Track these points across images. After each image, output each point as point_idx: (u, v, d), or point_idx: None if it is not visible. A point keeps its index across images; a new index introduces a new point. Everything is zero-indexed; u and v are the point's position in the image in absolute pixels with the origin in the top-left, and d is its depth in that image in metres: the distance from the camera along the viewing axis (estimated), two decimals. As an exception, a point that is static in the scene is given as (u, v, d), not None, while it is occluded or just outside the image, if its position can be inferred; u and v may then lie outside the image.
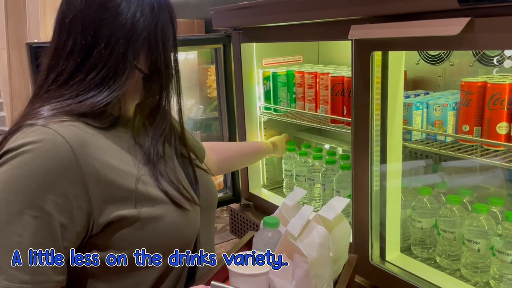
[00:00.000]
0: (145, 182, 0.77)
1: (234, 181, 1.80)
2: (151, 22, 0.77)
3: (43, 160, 0.67)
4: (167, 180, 0.80)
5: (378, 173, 1.17)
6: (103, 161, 0.72)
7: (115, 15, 0.75)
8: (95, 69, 0.75)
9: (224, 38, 1.67)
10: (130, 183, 0.74)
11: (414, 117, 1.20)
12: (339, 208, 0.98)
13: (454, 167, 1.32)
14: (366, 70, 1.10)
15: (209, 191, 0.95)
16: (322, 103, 1.52)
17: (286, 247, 0.81)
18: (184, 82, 2.49)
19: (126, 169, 0.75)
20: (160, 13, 0.79)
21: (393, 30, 0.97)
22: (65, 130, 0.70)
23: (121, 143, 0.78)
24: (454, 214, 1.17)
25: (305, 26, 1.33)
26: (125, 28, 0.75)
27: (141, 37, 0.76)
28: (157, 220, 0.76)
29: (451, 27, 0.86)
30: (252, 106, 1.73)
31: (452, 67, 1.38)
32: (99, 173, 0.71)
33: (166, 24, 0.80)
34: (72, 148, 0.69)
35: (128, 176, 0.75)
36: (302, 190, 1.08)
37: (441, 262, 1.21)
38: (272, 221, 0.93)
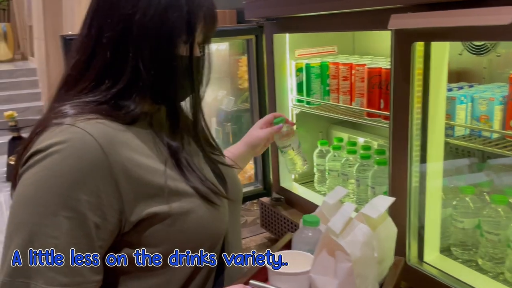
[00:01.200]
0: (173, 178, 0.75)
1: (265, 175, 1.78)
2: (161, 24, 0.73)
3: (73, 160, 0.66)
4: (194, 175, 0.78)
5: (417, 170, 1.11)
6: (131, 158, 0.71)
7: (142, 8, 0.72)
8: (126, 73, 0.73)
9: (257, 29, 1.63)
10: (159, 180, 0.73)
11: (457, 111, 1.13)
12: (383, 207, 0.93)
13: (499, 164, 1.24)
14: (407, 61, 1.05)
15: (235, 185, 0.94)
16: (358, 95, 1.47)
17: (328, 244, 0.78)
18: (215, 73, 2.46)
19: (153, 166, 0.74)
20: (173, 11, 0.74)
21: (437, 19, 0.90)
22: (92, 128, 0.69)
23: (144, 138, 0.76)
24: (499, 214, 1.10)
25: (341, 16, 1.27)
26: (136, 35, 0.72)
27: (146, 42, 0.73)
28: (187, 215, 0.74)
29: (502, 16, 0.79)
30: (284, 99, 1.69)
31: (498, 58, 1.29)
32: (129, 170, 0.70)
33: (178, 25, 0.74)
34: (101, 146, 0.68)
35: (157, 172, 0.73)
36: (343, 189, 1.04)
37: (484, 264, 1.14)
38: (312, 219, 0.90)
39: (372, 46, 1.73)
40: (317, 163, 1.72)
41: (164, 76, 0.75)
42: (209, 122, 2.52)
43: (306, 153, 1.87)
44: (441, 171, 1.16)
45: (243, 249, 0.98)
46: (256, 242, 1.81)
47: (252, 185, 1.80)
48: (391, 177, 1.16)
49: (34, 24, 6.14)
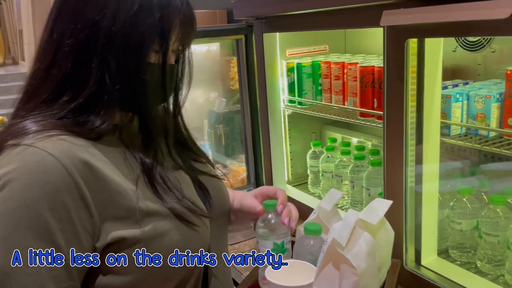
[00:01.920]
0: (146, 198, 0.68)
1: (258, 177, 1.74)
2: (131, 30, 0.67)
3: (36, 186, 0.60)
4: (170, 194, 0.72)
5: (413, 171, 1.08)
6: (99, 176, 0.65)
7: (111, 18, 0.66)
8: (90, 82, 0.67)
9: (246, 28, 1.60)
10: (129, 200, 0.66)
11: (453, 109, 1.10)
12: (382, 211, 0.90)
13: (497, 163, 1.21)
14: (400, 59, 1.01)
15: (221, 198, 0.87)
16: (350, 95, 1.43)
17: (333, 256, 0.74)
18: (206, 74, 2.44)
19: (123, 184, 0.67)
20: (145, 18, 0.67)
21: (430, 14, 0.87)
22: (53, 147, 0.62)
23: (114, 154, 0.69)
24: (498, 215, 1.06)
25: (332, 13, 1.23)
26: (100, 42, 0.66)
27: (111, 51, 0.67)
28: (161, 239, 0.68)
29: (500, 10, 0.75)
30: (275, 99, 1.65)
31: (494, 54, 1.26)
32: (96, 189, 0.64)
33: (149, 32, 0.68)
34: (64, 166, 0.61)
35: (127, 191, 0.67)
36: (337, 191, 1.01)
37: (483, 267, 1.11)
38: (314, 228, 0.86)
39: (364, 44, 1.70)
40: (310, 165, 1.68)
41: (134, 88, 0.69)
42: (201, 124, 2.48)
43: (299, 155, 1.85)
44: (437, 172, 1.13)
45: (229, 268, 0.92)
46: (250, 246, 1.77)
47: (245, 188, 1.76)
48: (386, 179, 1.12)
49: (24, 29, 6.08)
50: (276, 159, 1.69)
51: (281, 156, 1.71)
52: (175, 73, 0.76)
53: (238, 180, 1.89)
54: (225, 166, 2.12)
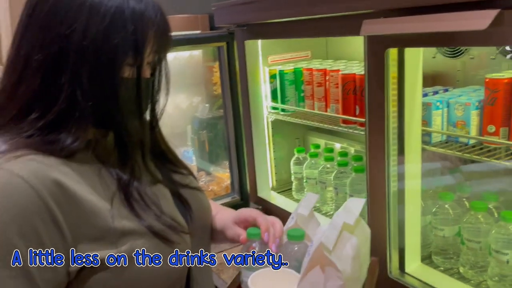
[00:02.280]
0: (122, 216, 0.66)
1: (242, 184, 1.73)
2: (101, 45, 0.65)
3: (4, 209, 0.57)
4: (148, 211, 0.69)
5: (395, 178, 1.08)
6: (71, 197, 0.62)
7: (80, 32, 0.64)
8: (59, 100, 0.64)
9: (228, 36, 1.59)
10: (104, 220, 0.64)
11: (433, 117, 1.10)
12: (357, 210, 0.90)
13: (476, 169, 1.22)
14: (381, 67, 1.01)
15: (202, 211, 0.85)
16: (333, 101, 1.43)
17: (319, 259, 0.74)
18: (189, 80, 2.42)
19: (97, 203, 0.64)
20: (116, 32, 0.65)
21: (410, 25, 0.87)
22: (21, 168, 0.59)
23: (87, 171, 0.67)
24: (479, 221, 1.07)
25: (313, 21, 1.23)
26: (70, 57, 0.64)
27: (87, 65, 0.64)
28: (138, 259, 0.66)
29: (477, 21, 0.76)
30: (258, 106, 1.65)
31: (472, 60, 1.28)
32: (69, 211, 0.61)
33: (121, 47, 0.65)
34: (32, 187, 0.59)
35: (102, 211, 0.64)
36: (314, 195, 1.01)
37: (465, 273, 1.12)
38: (297, 233, 0.86)
39: (346, 50, 1.70)
40: (294, 171, 1.68)
41: (107, 104, 0.67)
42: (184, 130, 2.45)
43: (283, 161, 1.84)
44: (419, 178, 1.13)
45: (213, 283, 0.91)
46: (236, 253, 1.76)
47: (229, 196, 1.74)
48: (369, 186, 1.12)
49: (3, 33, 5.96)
50: (260, 165, 1.68)
51: (265, 162, 1.70)
52: (151, 87, 0.74)
53: (222, 187, 1.88)
54: (209, 173, 2.10)
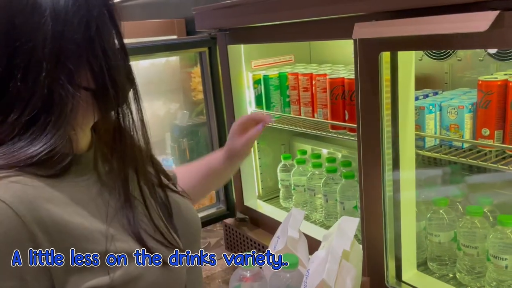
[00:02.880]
0: (117, 239, 0.61)
1: (228, 194, 1.67)
2: (79, 28, 0.59)
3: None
4: (145, 229, 0.65)
5: (391, 185, 1.05)
6: (60, 221, 0.56)
7: (27, 33, 0.57)
8: (16, 108, 0.58)
9: (209, 41, 1.54)
10: (97, 245, 0.59)
11: (427, 121, 1.08)
12: (352, 231, 0.88)
13: (469, 173, 1.21)
14: (374, 71, 0.98)
15: (192, 222, 0.79)
16: (320, 107, 1.40)
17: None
18: (166, 86, 2.36)
19: (91, 226, 0.59)
20: (91, 9, 0.60)
21: (407, 27, 0.84)
22: (3, 191, 0.54)
23: (80, 190, 0.62)
24: (476, 226, 1.06)
25: (300, 25, 1.19)
26: (47, 45, 0.57)
27: (71, 51, 0.58)
28: (135, 284, 0.61)
29: (477, 23, 0.74)
30: (243, 112, 1.60)
31: (460, 62, 1.27)
32: (57, 237, 0.56)
33: (101, 22, 0.61)
34: (17, 213, 0.53)
35: (95, 234, 0.59)
36: (300, 211, 0.98)
37: (462, 278, 1.10)
38: (291, 261, 0.82)
39: (329, 54, 1.68)
40: (281, 178, 1.64)
41: (105, 79, 0.61)
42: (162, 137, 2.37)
43: (269, 167, 1.80)
44: (414, 184, 1.11)
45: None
46: (222, 266, 1.71)
47: (214, 206, 1.69)
48: (363, 194, 1.09)
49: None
50: (246, 173, 1.63)
51: (250, 170, 1.66)
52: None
53: (206, 197, 1.82)
54: (192, 182, 2.04)
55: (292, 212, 0.96)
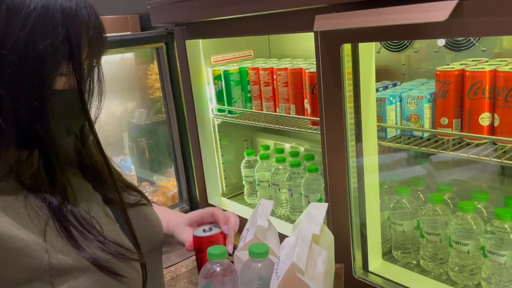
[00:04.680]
0: (57, 250, 0.56)
1: (191, 192, 1.63)
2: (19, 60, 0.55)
3: None
4: (90, 238, 0.60)
5: (355, 176, 1.06)
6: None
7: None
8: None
9: (166, 36, 1.49)
10: (36, 258, 0.54)
11: (388, 112, 1.09)
12: (321, 216, 0.87)
13: (428, 160, 1.24)
14: (336, 64, 0.98)
15: (151, 229, 0.76)
16: (282, 101, 1.39)
17: (291, 282, 0.68)
18: (122, 84, 2.28)
19: (28, 238, 0.55)
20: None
21: (368, 18, 0.84)
22: None
23: (12, 201, 0.57)
24: (437, 214, 1.08)
25: (260, 18, 1.18)
26: None
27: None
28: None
29: (437, 12, 0.74)
30: (203, 109, 1.57)
31: (416, 54, 1.29)
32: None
33: (51, 47, 0.56)
34: None
35: (33, 247, 0.55)
36: (268, 201, 0.96)
37: (426, 265, 1.12)
38: (261, 250, 0.79)
39: (289, 47, 1.67)
40: (245, 175, 1.62)
41: (33, 121, 0.57)
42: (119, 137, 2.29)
43: (232, 164, 1.78)
44: (377, 174, 1.12)
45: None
46: (187, 267, 1.67)
47: (177, 206, 1.64)
48: (329, 187, 1.09)
49: None
50: (208, 171, 1.60)
51: (213, 167, 1.63)
52: (86, 97, 0.64)
53: (168, 197, 1.77)
54: (152, 183, 1.98)
55: (261, 203, 0.94)
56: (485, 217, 1.05)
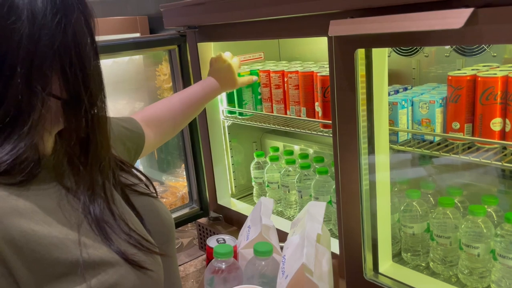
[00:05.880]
0: (89, 245, 0.58)
1: (201, 193, 1.65)
2: (56, 32, 0.57)
3: None
4: (118, 233, 0.62)
5: (367, 178, 1.07)
6: (26, 232, 0.53)
7: (1, 35, 0.55)
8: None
9: (179, 38, 1.51)
10: (69, 253, 0.56)
11: (400, 116, 1.11)
12: (320, 215, 0.90)
13: (439, 164, 1.25)
14: (350, 69, 1.00)
15: (162, 223, 0.78)
16: (292, 103, 1.41)
17: (300, 281, 0.70)
18: (130, 84, 2.30)
19: (60, 235, 0.56)
20: (68, 14, 0.58)
21: (382, 25, 0.86)
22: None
23: (46, 197, 0.59)
24: (447, 217, 1.09)
25: (271, 23, 1.19)
26: (22, 49, 0.55)
27: (46, 57, 0.56)
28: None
29: (453, 20, 0.76)
30: (214, 111, 1.59)
31: (427, 58, 1.31)
32: (24, 249, 0.53)
33: (79, 28, 0.59)
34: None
35: (66, 243, 0.56)
36: (269, 200, 0.99)
37: (435, 268, 1.14)
38: (266, 249, 0.82)
39: (299, 50, 1.69)
40: (255, 176, 1.64)
41: (79, 87, 0.60)
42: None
43: (241, 165, 1.80)
44: (388, 178, 1.14)
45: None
46: (196, 266, 1.69)
47: (187, 206, 1.66)
48: (341, 190, 1.10)
49: None
50: (218, 172, 1.62)
51: (223, 168, 1.64)
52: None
53: (177, 198, 1.79)
54: (162, 183, 2.00)
55: (262, 201, 0.96)
56: (495, 220, 1.06)
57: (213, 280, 0.83)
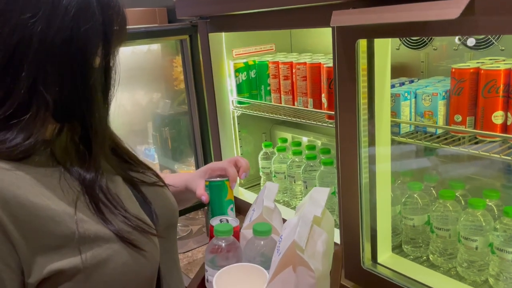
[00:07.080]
0: (85, 220, 0.62)
1: (209, 182, 1.68)
2: (69, 36, 0.60)
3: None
4: (115, 213, 0.65)
5: (367, 170, 1.08)
6: (25, 203, 0.57)
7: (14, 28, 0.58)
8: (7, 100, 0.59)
9: (190, 28, 1.53)
10: (65, 227, 0.59)
11: (402, 108, 1.11)
12: (323, 200, 0.90)
13: (442, 157, 1.25)
14: (351, 59, 1.00)
15: (167, 207, 0.82)
16: (300, 95, 1.42)
17: (291, 258, 0.72)
18: (148, 75, 2.35)
19: (58, 208, 0.60)
20: (87, 22, 0.61)
21: (382, 15, 0.86)
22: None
23: (44, 174, 0.62)
24: (448, 210, 1.10)
25: (279, 13, 1.21)
26: (33, 44, 0.58)
27: (55, 56, 0.60)
28: (105, 265, 0.62)
29: (448, 10, 0.76)
30: (224, 101, 1.61)
31: (435, 51, 1.30)
32: (22, 219, 0.56)
33: (93, 36, 0.62)
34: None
35: (62, 216, 0.60)
36: (274, 184, 1.01)
37: (435, 260, 1.14)
38: (264, 228, 0.84)
39: (310, 42, 1.70)
40: (262, 166, 1.66)
41: (77, 95, 0.63)
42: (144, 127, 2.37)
43: (250, 156, 1.82)
44: (389, 168, 1.14)
45: (183, 282, 0.88)
46: (203, 253, 1.72)
47: (196, 194, 1.69)
48: (341, 179, 1.12)
49: None
50: (227, 162, 1.64)
51: (232, 158, 1.67)
52: (113, 75, 0.70)
53: (188, 185, 1.83)
54: (173, 171, 2.05)
55: (267, 185, 0.98)
56: (496, 214, 1.05)
57: (214, 258, 0.86)
